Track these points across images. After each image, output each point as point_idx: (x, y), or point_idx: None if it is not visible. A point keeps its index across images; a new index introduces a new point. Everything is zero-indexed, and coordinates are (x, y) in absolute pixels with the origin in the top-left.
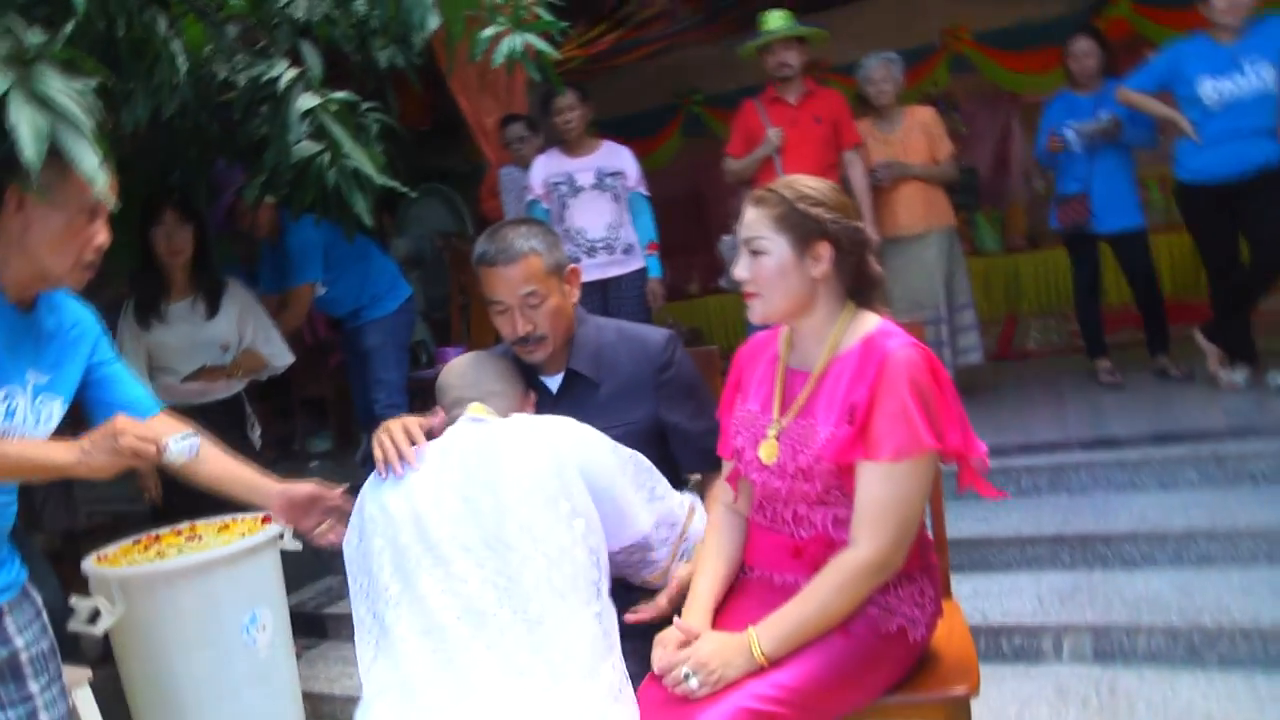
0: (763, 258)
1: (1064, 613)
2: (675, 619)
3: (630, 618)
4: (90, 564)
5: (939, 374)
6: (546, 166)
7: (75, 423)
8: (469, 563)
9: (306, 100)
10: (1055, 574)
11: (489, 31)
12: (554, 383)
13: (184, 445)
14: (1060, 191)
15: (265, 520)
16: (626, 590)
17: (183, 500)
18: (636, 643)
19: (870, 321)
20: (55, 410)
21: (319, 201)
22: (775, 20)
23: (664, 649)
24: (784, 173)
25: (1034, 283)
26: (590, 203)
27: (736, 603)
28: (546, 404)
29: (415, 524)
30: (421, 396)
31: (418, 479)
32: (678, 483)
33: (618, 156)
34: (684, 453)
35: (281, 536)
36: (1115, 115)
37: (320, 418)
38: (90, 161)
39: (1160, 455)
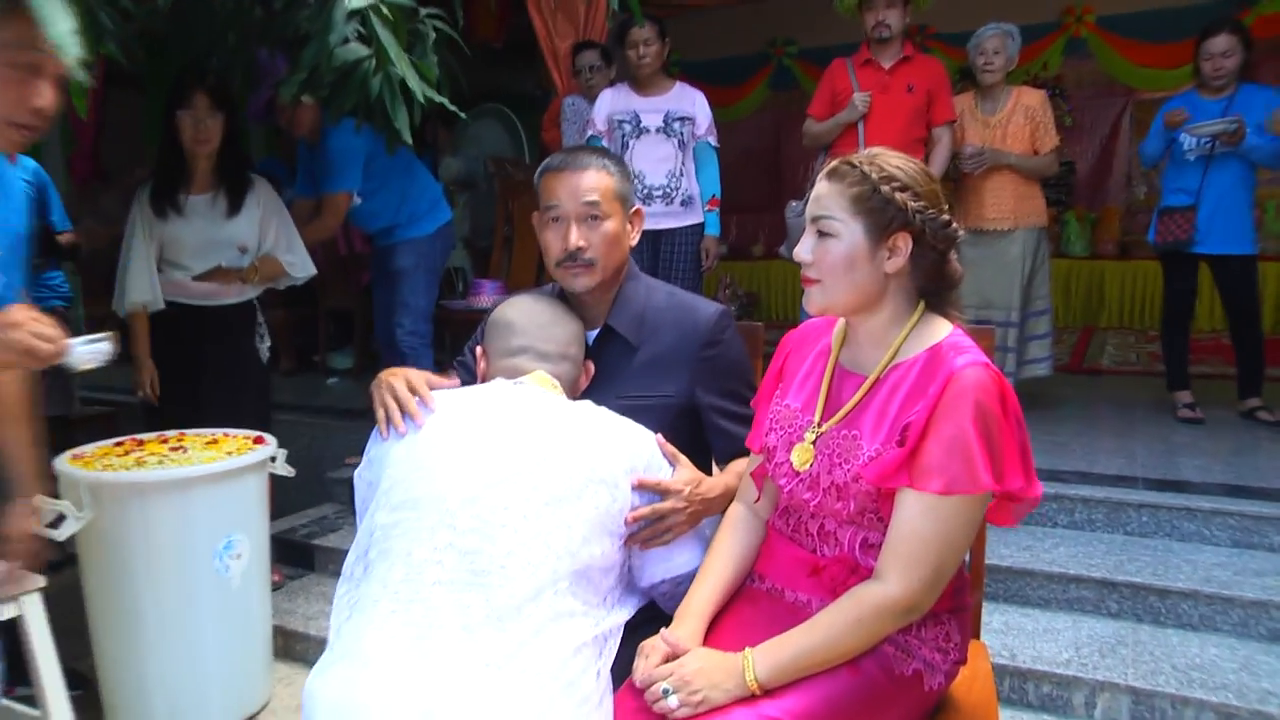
0: (830, 241)
1: (1103, 667)
2: (663, 630)
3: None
4: (63, 462)
5: (1008, 401)
6: (613, 102)
7: None
8: (478, 538)
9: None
10: (1098, 621)
11: None
12: (588, 337)
13: (92, 349)
14: (1165, 203)
15: (258, 440)
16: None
17: (180, 403)
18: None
19: (940, 329)
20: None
21: (361, 108)
22: None
23: (646, 659)
24: (866, 143)
25: (1118, 295)
26: (653, 146)
27: (737, 614)
28: None
29: (437, 480)
30: (451, 327)
31: (457, 433)
32: (709, 467)
33: (690, 101)
34: (715, 436)
35: (273, 459)
36: (1241, 119)
37: (345, 333)
38: (61, 25)
39: (1237, 509)
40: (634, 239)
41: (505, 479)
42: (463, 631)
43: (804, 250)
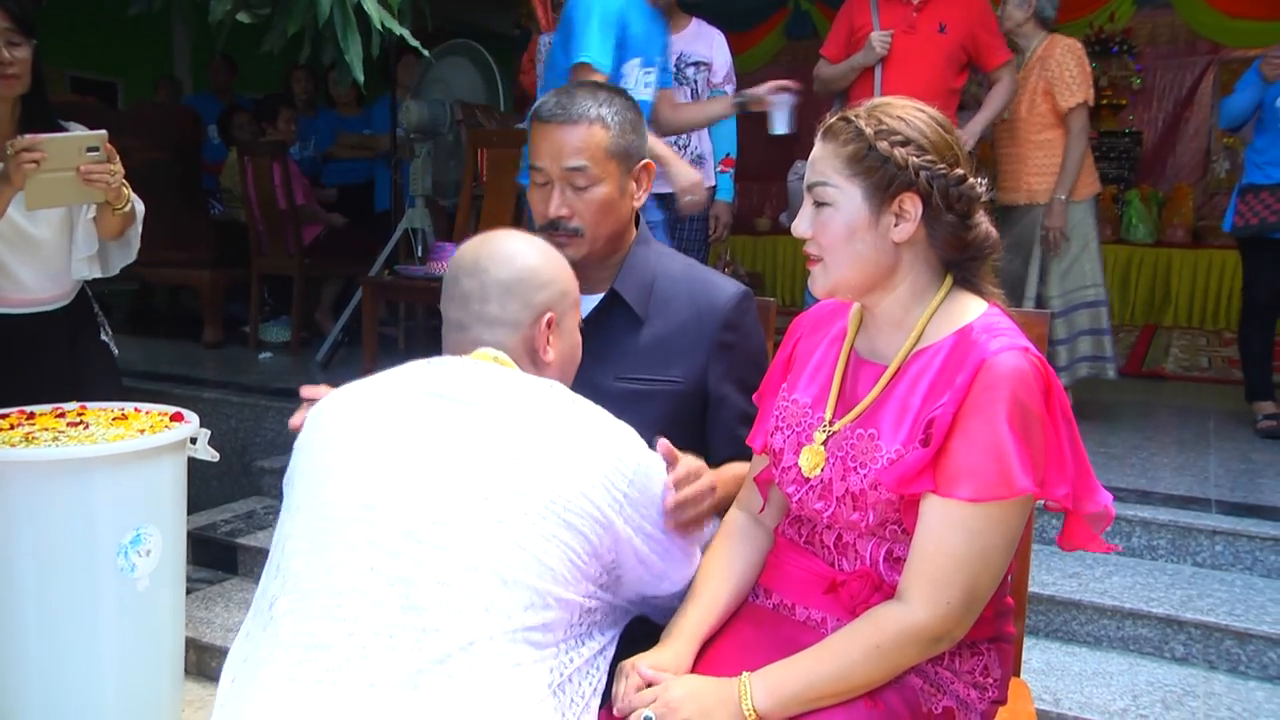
0: (827, 211)
1: None
2: (639, 657)
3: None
4: None
5: (1053, 395)
6: None
7: None
8: (409, 563)
9: None
10: (1161, 667)
11: None
12: (587, 304)
13: None
14: (1249, 180)
15: (176, 417)
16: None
17: (75, 367)
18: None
19: (971, 308)
20: None
21: (308, 33)
22: None
23: (626, 680)
24: (884, 92)
25: (1188, 289)
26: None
27: (736, 635)
28: None
29: (359, 485)
30: (407, 296)
31: (384, 424)
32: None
33: (707, 42)
34: (718, 436)
35: (193, 441)
36: None
37: (282, 302)
38: None
39: None
40: (641, 197)
41: (443, 485)
42: (393, 690)
43: (802, 224)
